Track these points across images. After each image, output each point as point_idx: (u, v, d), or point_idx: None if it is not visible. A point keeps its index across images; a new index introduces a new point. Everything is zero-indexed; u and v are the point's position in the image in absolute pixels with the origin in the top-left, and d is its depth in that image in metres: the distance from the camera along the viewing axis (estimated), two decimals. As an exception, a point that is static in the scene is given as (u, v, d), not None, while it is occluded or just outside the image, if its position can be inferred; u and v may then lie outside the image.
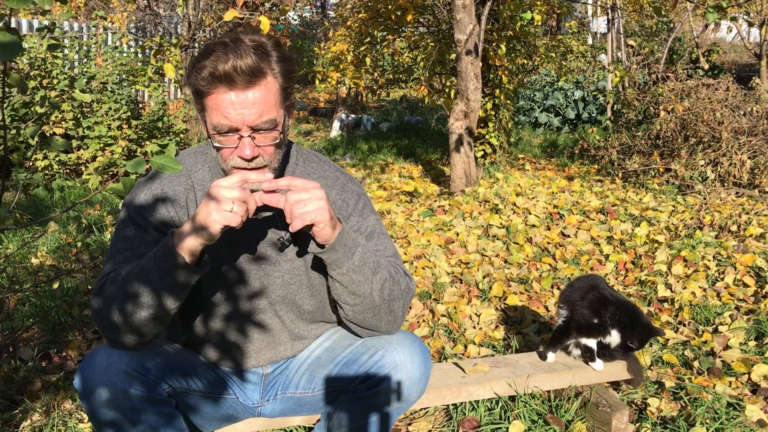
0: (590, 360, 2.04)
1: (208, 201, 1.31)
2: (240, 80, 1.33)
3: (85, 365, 1.39)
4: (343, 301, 1.50)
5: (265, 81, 1.37)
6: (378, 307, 1.50)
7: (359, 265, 1.45)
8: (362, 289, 1.47)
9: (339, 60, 7.13)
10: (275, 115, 1.40)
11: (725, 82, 5.90)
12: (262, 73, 1.36)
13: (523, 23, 6.23)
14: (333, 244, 1.42)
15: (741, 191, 4.85)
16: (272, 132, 1.40)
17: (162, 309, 1.37)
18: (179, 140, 6.66)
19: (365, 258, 1.46)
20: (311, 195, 1.36)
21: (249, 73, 1.33)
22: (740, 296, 3.04)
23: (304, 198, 1.36)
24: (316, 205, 1.36)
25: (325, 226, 1.38)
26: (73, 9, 11.51)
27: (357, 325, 1.54)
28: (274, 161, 1.44)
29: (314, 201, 1.36)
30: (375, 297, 1.48)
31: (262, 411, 1.66)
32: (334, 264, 1.44)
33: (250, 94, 1.35)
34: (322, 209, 1.36)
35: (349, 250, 1.44)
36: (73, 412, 2.23)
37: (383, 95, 11.28)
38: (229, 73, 1.32)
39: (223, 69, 1.32)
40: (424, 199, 5.29)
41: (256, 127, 1.38)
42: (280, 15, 6.46)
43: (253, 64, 1.34)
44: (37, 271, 3.58)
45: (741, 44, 10.93)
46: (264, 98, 1.37)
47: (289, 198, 1.36)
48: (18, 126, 5.65)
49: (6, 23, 1.34)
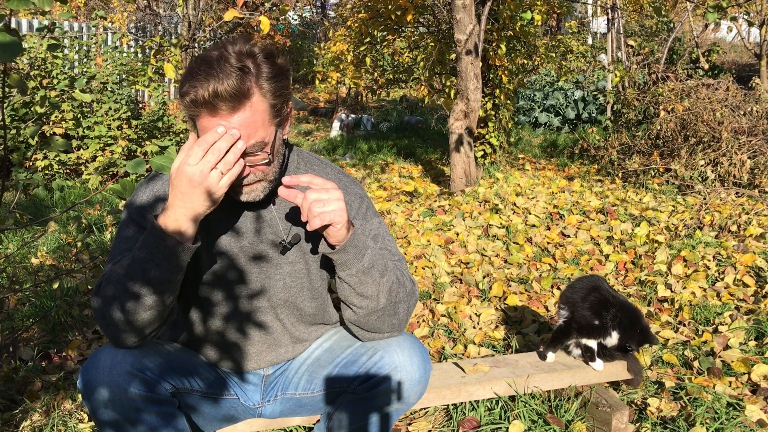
0: (590, 360, 2.04)
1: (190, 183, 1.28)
2: (223, 106, 1.29)
3: (88, 365, 1.39)
4: (350, 302, 1.49)
5: (249, 103, 1.32)
6: (383, 310, 1.49)
7: (368, 267, 1.45)
8: (369, 291, 1.47)
9: (339, 60, 7.13)
10: (263, 136, 1.36)
11: (725, 82, 5.90)
12: (247, 95, 1.31)
13: (523, 23, 6.23)
14: (344, 245, 1.41)
15: (741, 191, 4.85)
16: (260, 154, 1.38)
17: (161, 297, 1.36)
18: (179, 140, 6.66)
19: (374, 260, 1.46)
20: (330, 195, 1.36)
21: (231, 98, 1.29)
22: (740, 296, 3.04)
23: (323, 198, 1.35)
24: (335, 205, 1.35)
25: (342, 228, 1.38)
26: (73, 9, 11.51)
27: (360, 327, 1.53)
28: (270, 174, 1.43)
29: (334, 201, 1.36)
30: (381, 299, 1.48)
31: (262, 412, 1.66)
32: (344, 265, 1.44)
33: (235, 119, 1.31)
34: (341, 210, 1.36)
35: (360, 252, 1.44)
36: (73, 412, 2.23)
37: (383, 95, 11.28)
38: (210, 101, 1.28)
39: (203, 96, 1.28)
40: (424, 199, 5.29)
41: (244, 151, 1.34)
42: (280, 15, 6.46)
43: (235, 87, 1.28)
44: (37, 271, 3.58)
45: (741, 44, 10.93)
46: (250, 121, 1.32)
47: (309, 196, 1.35)
48: (18, 126, 5.65)
49: (6, 24, 1.34)
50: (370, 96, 11.64)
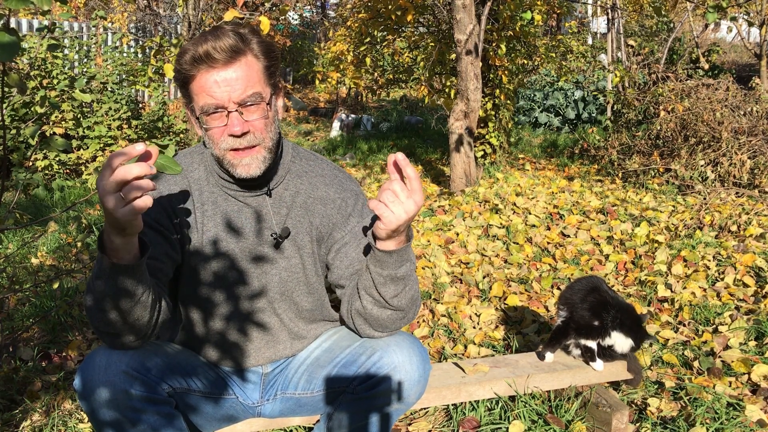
0: (590, 360, 2.04)
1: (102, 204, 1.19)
2: (220, 57, 1.37)
3: (84, 366, 1.38)
4: (368, 293, 1.50)
5: (245, 58, 1.41)
6: (398, 312, 1.51)
7: (400, 277, 1.47)
8: (389, 293, 1.48)
9: (339, 60, 7.13)
10: (260, 89, 1.42)
11: (725, 82, 5.89)
12: (242, 51, 1.40)
13: (523, 23, 6.22)
14: (390, 251, 1.42)
15: (741, 191, 4.85)
16: (259, 105, 1.42)
17: (128, 306, 1.30)
18: (179, 140, 6.66)
19: (408, 273, 1.48)
20: (405, 202, 1.35)
21: (228, 50, 1.37)
22: (740, 296, 3.04)
23: (399, 197, 1.35)
24: (398, 211, 1.35)
25: (384, 231, 1.38)
26: (73, 9, 11.51)
27: (365, 320, 1.53)
28: (267, 139, 1.45)
29: (401, 208, 1.35)
30: (400, 302, 1.50)
31: (261, 411, 1.66)
32: (380, 263, 1.45)
33: (231, 71, 1.39)
34: (397, 219, 1.35)
35: (401, 262, 1.45)
36: (73, 412, 2.22)
37: (383, 95, 11.27)
38: (209, 52, 1.37)
39: (203, 49, 1.37)
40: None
41: (242, 102, 1.40)
42: (280, 15, 6.46)
43: (231, 43, 1.38)
44: (37, 271, 3.58)
45: (741, 44, 10.92)
46: (246, 74, 1.40)
47: (393, 184, 1.36)
48: (18, 126, 5.65)
49: (5, 24, 1.34)
50: (370, 96, 11.64)
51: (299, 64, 12.09)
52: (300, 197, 1.59)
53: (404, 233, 1.43)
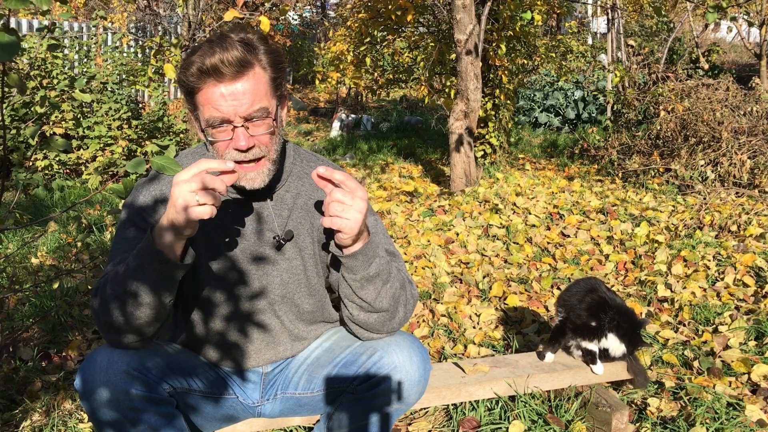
0: (591, 362, 2.04)
1: (174, 198, 1.28)
2: (228, 71, 1.35)
3: (85, 365, 1.39)
4: (350, 300, 1.51)
5: (253, 71, 1.39)
6: (383, 313, 1.51)
7: (373, 275, 1.46)
8: (370, 296, 1.48)
9: (339, 60, 7.13)
10: (267, 104, 1.41)
11: (725, 82, 5.90)
12: (250, 64, 1.38)
13: (523, 23, 6.22)
14: (355, 253, 1.43)
15: (741, 191, 4.85)
16: (265, 120, 1.41)
17: (154, 304, 1.36)
18: (179, 140, 6.66)
19: (380, 269, 1.47)
20: (353, 203, 1.35)
21: (236, 64, 1.35)
22: (740, 296, 3.04)
23: (346, 202, 1.35)
24: (351, 215, 1.35)
25: (348, 238, 1.39)
26: (73, 9, 11.51)
27: (359, 326, 1.54)
28: (272, 152, 1.45)
29: (352, 210, 1.35)
30: (382, 303, 1.49)
31: (262, 411, 1.66)
32: (349, 269, 1.45)
33: (239, 85, 1.37)
34: (354, 222, 1.36)
35: (368, 261, 1.45)
36: (73, 412, 2.22)
37: (383, 95, 11.26)
38: (216, 66, 1.34)
39: (210, 62, 1.34)
40: (424, 199, 5.28)
41: (248, 116, 1.39)
42: (280, 15, 6.46)
43: (239, 56, 1.35)
44: (37, 271, 3.58)
45: (741, 44, 10.92)
46: (254, 88, 1.38)
47: (334, 194, 1.36)
48: (18, 126, 5.65)
49: (5, 24, 1.34)
50: (370, 96, 11.63)
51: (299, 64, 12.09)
52: (301, 199, 1.59)
53: (364, 230, 1.43)
